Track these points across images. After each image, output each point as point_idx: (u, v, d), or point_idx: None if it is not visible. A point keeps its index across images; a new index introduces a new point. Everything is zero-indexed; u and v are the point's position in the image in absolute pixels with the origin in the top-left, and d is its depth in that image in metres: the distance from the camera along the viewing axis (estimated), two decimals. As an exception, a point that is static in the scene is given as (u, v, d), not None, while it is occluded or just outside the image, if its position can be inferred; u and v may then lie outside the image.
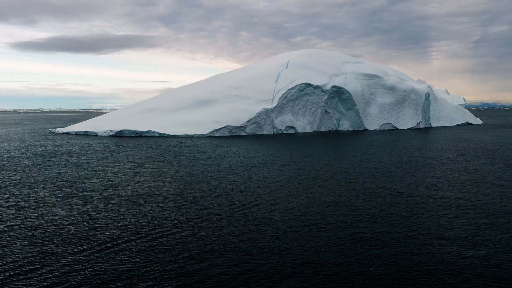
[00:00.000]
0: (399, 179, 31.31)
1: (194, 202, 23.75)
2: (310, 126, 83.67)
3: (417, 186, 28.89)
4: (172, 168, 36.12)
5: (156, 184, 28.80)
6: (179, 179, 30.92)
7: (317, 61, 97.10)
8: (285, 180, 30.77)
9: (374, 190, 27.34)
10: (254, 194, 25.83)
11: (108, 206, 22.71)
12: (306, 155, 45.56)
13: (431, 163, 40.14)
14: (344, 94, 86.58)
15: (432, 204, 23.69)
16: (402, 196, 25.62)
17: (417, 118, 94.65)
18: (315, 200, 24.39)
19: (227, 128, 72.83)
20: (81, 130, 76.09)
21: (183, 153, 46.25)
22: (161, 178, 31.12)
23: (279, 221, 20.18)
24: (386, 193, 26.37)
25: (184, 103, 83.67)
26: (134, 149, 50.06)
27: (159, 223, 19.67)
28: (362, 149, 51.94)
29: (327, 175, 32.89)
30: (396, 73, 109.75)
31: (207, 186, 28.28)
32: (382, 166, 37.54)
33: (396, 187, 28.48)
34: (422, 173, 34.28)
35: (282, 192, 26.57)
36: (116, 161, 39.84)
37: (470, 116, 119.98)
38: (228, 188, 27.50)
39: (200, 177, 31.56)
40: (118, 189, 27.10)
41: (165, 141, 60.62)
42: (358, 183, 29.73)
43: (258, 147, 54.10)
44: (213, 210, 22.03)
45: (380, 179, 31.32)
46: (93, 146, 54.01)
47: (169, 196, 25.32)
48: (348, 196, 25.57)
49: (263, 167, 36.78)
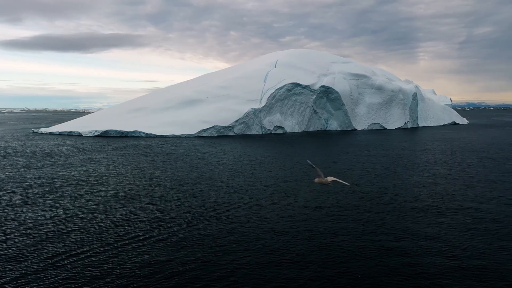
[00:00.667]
0: (388, 180, 30.97)
1: (175, 204, 23.00)
2: (298, 126, 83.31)
3: (406, 187, 28.56)
4: (155, 169, 35.23)
5: (136, 187, 27.93)
6: (161, 181, 30.09)
7: (305, 61, 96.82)
8: (271, 181, 30.17)
9: (362, 191, 26.91)
10: (238, 196, 25.17)
11: (83, 210, 21.81)
12: (293, 155, 45.06)
13: (419, 164, 39.98)
14: (332, 94, 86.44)
15: (421, 206, 23.34)
16: (391, 198, 25.23)
17: (405, 118, 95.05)
18: (301, 202, 23.85)
19: (215, 128, 71.98)
20: (65, 130, 74.40)
21: (168, 154, 45.33)
22: (142, 181, 30.24)
23: (263, 223, 19.58)
24: (374, 195, 25.96)
25: (171, 103, 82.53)
26: (118, 150, 48.94)
27: (136, 226, 18.88)
28: (351, 149, 51.68)
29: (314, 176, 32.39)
30: (384, 73, 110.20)
31: (191, 187, 27.51)
32: (371, 167, 37.22)
33: (385, 188, 28.11)
34: (411, 174, 34.03)
35: (268, 193, 25.97)
36: (98, 163, 38.76)
37: (456, 116, 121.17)
38: (212, 190, 26.79)
39: (184, 179, 30.76)
40: (95, 192, 26.17)
41: (151, 142, 59.54)
42: (346, 184, 29.29)
43: (246, 147, 53.45)
44: (195, 212, 21.33)
45: (368, 180, 30.94)
46: (76, 146, 52.68)
47: (149, 198, 24.52)
48: (335, 198, 25.09)
49: (249, 168, 36.12)
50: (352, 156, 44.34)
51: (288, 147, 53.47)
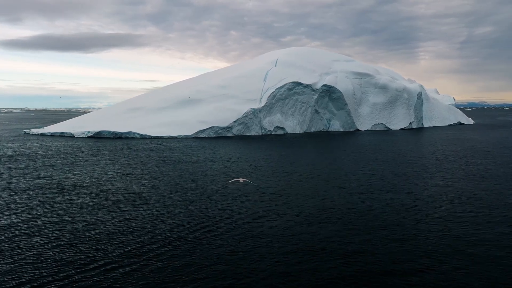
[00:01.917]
0: (398, 190, 28.01)
1: (163, 213, 20.09)
2: (300, 127, 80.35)
3: (417, 198, 25.60)
4: (142, 175, 32.29)
5: (114, 197, 25.00)
6: (150, 187, 27.17)
7: (306, 59, 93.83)
8: (271, 189, 27.23)
9: (370, 202, 23.97)
10: (232, 210, 22.25)
11: (60, 217, 18.93)
12: (295, 159, 42.10)
13: (433, 169, 37.01)
14: (335, 93, 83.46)
15: (434, 219, 20.39)
16: (402, 211, 22.28)
17: (410, 118, 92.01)
18: (304, 213, 20.92)
19: (212, 129, 69.08)
20: (57, 131, 71.58)
21: (161, 157, 42.41)
22: (129, 187, 27.31)
23: (262, 236, 16.68)
24: (384, 207, 23.01)
25: (168, 103, 79.64)
26: (107, 153, 46.03)
27: (115, 243, 16.00)
28: (355, 152, 48.70)
29: (317, 183, 29.45)
30: (387, 72, 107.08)
31: (182, 195, 24.60)
32: (379, 174, 34.25)
33: (396, 200, 25.15)
34: (422, 181, 31.07)
35: (268, 203, 23.05)
36: (83, 166, 35.84)
37: (462, 116, 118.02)
38: (206, 198, 23.87)
39: (176, 185, 27.83)
40: (74, 199, 23.25)
41: (145, 143, 56.64)
42: (353, 192, 26.34)
43: (245, 149, 50.52)
44: (183, 225, 18.42)
45: (376, 188, 27.99)
46: (64, 148, 49.75)
47: (128, 211, 21.61)
48: (341, 209, 22.15)
49: (247, 173, 33.19)
50: (358, 161, 41.36)
51: (289, 150, 50.52)
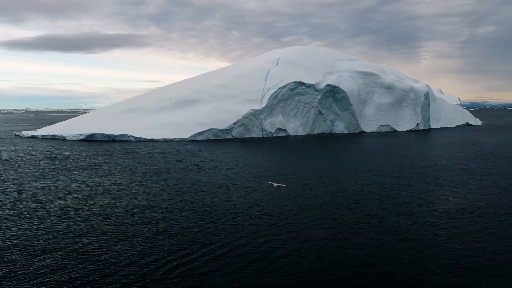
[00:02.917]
0: (411, 203, 24.74)
1: (151, 228, 16.95)
2: (302, 128, 77.05)
3: (451, 216, 22.33)
4: (134, 182, 29.11)
5: (94, 210, 21.82)
6: (138, 198, 23.99)
7: (309, 58, 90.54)
8: (275, 198, 24.01)
9: (379, 214, 20.72)
10: (237, 220, 19.03)
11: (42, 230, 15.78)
12: (298, 163, 38.84)
13: (451, 177, 33.68)
14: (339, 93, 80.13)
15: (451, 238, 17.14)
16: (418, 230, 19.02)
17: (417, 119, 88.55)
18: (310, 226, 17.72)
19: (211, 131, 65.88)
20: (48, 133, 68.51)
21: (153, 164, 39.23)
22: (105, 202, 24.12)
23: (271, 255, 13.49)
24: (394, 222, 19.75)
25: (166, 103, 76.52)
26: (95, 158, 42.86)
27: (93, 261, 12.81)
28: (361, 156, 45.41)
29: (322, 193, 26.21)
30: (392, 71, 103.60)
31: (174, 210, 21.43)
32: (388, 181, 30.99)
33: (408, 216, 21.88)
34: (447, 193, 27.78)
35: (272, 215, 19.85)
36: (64, 174, 32.68)
37: (469, 117, 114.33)
38: (205, 212, 20.69)
39: (166, 200, 24.63)
40: (44, 215, 20.08)
41: (139, 147, 53.46)
42: (360, 204, 23.10)
43: (245, 153, 47.30)
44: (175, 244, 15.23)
45: (386, 198, 24.74)
46: (50, 152, 46.59)
47: (109, 226, 18.41)
48: (349, 222, 18.91)
49: (248, 181, 29.97)
50: (364, 166, 38.06)
51: (292, 153, 47.27)
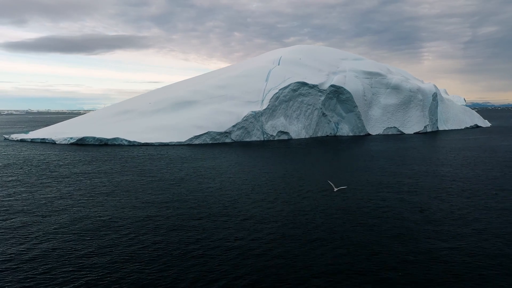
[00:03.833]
0: (423, 213, 21.12)
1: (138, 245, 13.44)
2: (305, 131, 73.43)
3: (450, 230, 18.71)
4: (121, 192, 25.57)
5: (82, 222, 18.28)
6: (125, 210, 20.45)
7: (312, 57, 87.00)
8: (278, 208, 20.45)
9: (390, 227, 17.13)
10: (234, 234, 15.46)
11: None
12: (301, 169, 35.24)
13: (463, 188, 30.04)
14: (343, 94, 76.49)
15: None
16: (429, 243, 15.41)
17: (424, 121, 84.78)
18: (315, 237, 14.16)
19: (209, 134, 62.39)
20: (38, 137, 65.14)
21: (144, 170, 35.69)
22: (94, 213, 20.57)
23: None
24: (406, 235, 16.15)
25: (162, 105, 73.07)
26: (81, 164, 39.33)
27: None
28: (368, 161, 41.79)
29: (327, 203, 22.62)
30: (398, 71, 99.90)
31: (164, 225, 17.89)
32: (396, 188, 27.37)
33: (423, 225, 18.28)
34: (451, 202, 24.14)
35: (276, 229, 16.31)
36: (42, 181, 29.18)
37: (478, 118, 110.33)
38: (200, 224, 17.16)
39: (162, 208, 21.09)
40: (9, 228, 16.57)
41: (132, 151, 49.97)
42: (368, 215, 19.52)
43: (245, 158, 43.73)
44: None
45: (396, 208, 21.13)
46: (33, 158, 43.11)
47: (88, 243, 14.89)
48: (355, 231, 15.33)
49: (249, 189, 26.40)
50: (372, 172, 34.40)
51: (294, 158, 43.67)
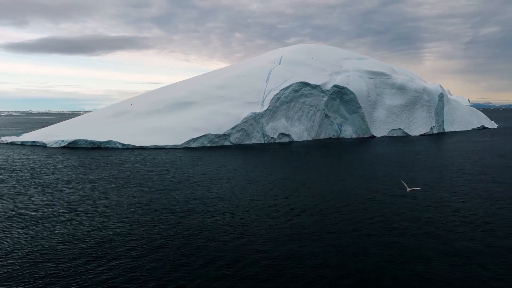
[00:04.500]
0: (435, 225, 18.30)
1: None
2: (307, 133, 70.60)
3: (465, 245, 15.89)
4: (106, 201, 22.79)
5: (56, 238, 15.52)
6: (107, 223, 17.69)
7: (314, 57, 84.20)
8: (279, 216, 17.66)
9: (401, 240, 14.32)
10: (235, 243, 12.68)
11: None
12: (303, 174, 32.41)
13: (483, 196, 27.20)
14: (347, 95, 73.65)
15: None
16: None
17: (431, 122, 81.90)
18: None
19: (207, 137, 59.64)
20: (28, 140, 62.46)
21: (136, 177, 32.89)
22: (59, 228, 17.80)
23: None
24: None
25: (158, 106, 70.33)
26: (67, 171, 36.54)
27: None
28: (373, 165, 38.94)
29: (330, 209, 19.81)
30: (403, 71, 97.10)
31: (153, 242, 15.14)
32: (405, 194, 24.53)
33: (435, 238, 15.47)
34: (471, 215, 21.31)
35: (276, 237, 13.55)
36: (12, 192, 26.40)
37: (485, 119, 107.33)
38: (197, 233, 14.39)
39: (154, 220, 18.31)
40: None
41: (125, 156, 47.22)
42: (374, 223, 16.73)
43: (245, 162, 40.92)
44: None
45: (404, 215, 18.32)
46: (18, 163, 40.33)
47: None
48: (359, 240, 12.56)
49: (248, 195, 23.59)
50: (378, 177, 31.54)
51: (296, 162, 40.83)
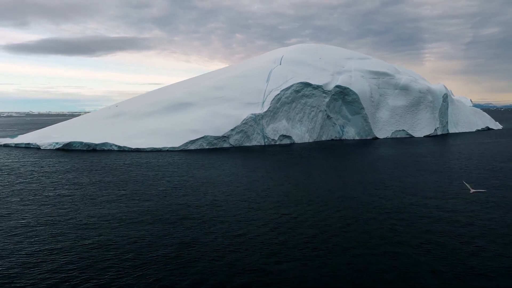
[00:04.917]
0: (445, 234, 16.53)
1: None
2: (309, 135, 68.84)
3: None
4: (95, 209, 21.02)
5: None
6: (99, 234, 15.92)
7: (316, 57, 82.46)
8: (279, 226, 15.90)
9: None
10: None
11: None
12: (305, 178, 30.63)
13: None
14: (349, 95, 71.89)
15: None
16: None
17: (435, 123, 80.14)
18: None
19: (205, 138, 57.93)
20: (22, 142, 60.79)
21: (130, 181, 31.12)
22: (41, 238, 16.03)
23: None
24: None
25: (155, 107, 68.65)
26: (58, 175, 34.78)
27: None
28: (377, 167, 37.14)
29: (332, 214, 18.03)
30: (406, 71, 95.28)
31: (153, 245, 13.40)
32: (409, 197, 22.73)
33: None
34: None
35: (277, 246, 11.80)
36: (1, 196, 24.64)
37: (489, 120, 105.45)
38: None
39: (145, 229, 16.55)
40: None
41: (120, 158, 45.47)
42: (379, 228, 14.97)
43: (244, 165, 39.16)
44: None
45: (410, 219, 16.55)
46: (7, 165, 38.56)
47: None
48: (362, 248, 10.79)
49: (248, 199, 21.82)
50: (382, 180, 29.72)
51: (297, 164, 39.05)
